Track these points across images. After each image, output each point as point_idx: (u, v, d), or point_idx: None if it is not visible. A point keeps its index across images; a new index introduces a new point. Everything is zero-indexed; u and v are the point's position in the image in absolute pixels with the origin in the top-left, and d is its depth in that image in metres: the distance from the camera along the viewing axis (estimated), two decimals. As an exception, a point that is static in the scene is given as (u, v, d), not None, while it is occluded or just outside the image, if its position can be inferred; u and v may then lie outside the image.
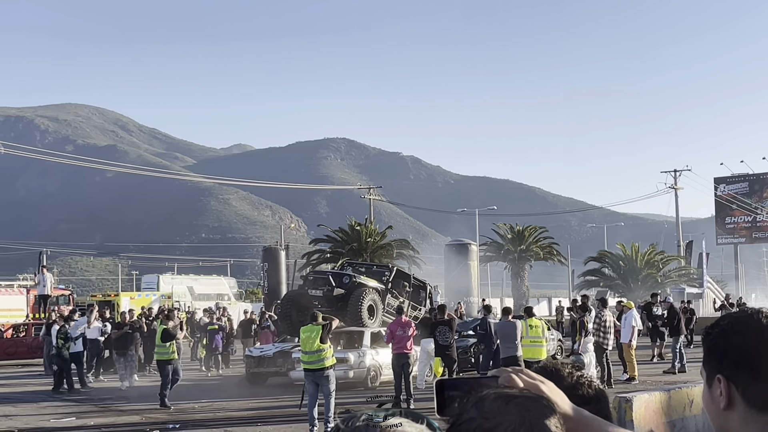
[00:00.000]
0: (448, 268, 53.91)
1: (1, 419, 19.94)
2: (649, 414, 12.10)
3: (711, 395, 2.00)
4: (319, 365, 17.34)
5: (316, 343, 17.36)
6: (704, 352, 2.03)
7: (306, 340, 17.68)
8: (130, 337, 27.01)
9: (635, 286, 56.33)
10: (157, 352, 22.57)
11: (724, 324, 2.03)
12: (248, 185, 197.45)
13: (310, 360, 17.49)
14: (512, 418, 1.61)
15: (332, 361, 17.69)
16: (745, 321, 2.00)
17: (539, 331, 21.33)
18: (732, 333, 1.99)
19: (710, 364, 2.01)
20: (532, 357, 20.92)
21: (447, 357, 21.27)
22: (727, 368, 1.96)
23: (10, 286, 52.45)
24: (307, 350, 17.59)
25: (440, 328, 21.37)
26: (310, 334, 17.66)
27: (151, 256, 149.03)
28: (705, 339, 2.05)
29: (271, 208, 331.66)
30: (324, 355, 17.40)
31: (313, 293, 27.36)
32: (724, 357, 1.97)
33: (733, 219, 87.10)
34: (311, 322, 18.13)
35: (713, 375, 1.98)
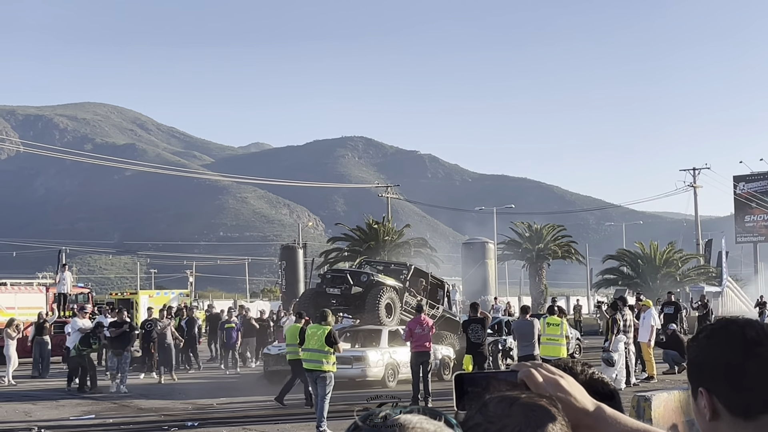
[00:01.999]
0: (465, 267, 53.92)
1: (20, 416, 20.06)
2: (668, 413, 12.06)
3: (697, 407, 2.00)
4: (317, 366, 16.97)
5: (320, 342, 16.93)
6: (687, 364, 2.04)
7: (311, 337, 17.28)
8: (127, 336, 25.63)
9: (654, 285, 56.11)
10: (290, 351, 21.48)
11: (701, 336, 2.03)
12: (266, 183, 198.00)
13: (311, 359, 17.13)
14: (517, 419, 1.61)
15: (333, 368, 17.21)
16: (720, 332, 2.00)
17: (558, 330, 21.30)
18: (708, 345, 1.99)
19: (692, 376, 2.02)
20: (549, 355, 20.98)
21: (479, 354, 21.41)
22: (708, 380, 1.96)
23: (29, 284, 52.74)
24: (309, 347, 17.18)
25: (473, 326, 21.53)
26: (316, 331, 17.28)
27: (170, 255, 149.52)
28: (687, 351, 2.06)
29: (288, 206, 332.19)
30: (326, 358, 17.00)
31: (331, 291, 27.42)
32: (703, 369, 1.98)
33: (753, 217, 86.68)
34: (320, 321, 17.74)
35: (696, 387, 1.99)
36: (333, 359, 17.16)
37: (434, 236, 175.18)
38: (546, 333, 21.49)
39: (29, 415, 20.16)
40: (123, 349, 24.95)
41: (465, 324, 22.12)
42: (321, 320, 17.70)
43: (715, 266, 63.79)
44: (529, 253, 59.85)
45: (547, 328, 21.53)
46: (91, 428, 18.00)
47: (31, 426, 18.00)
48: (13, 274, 72.65)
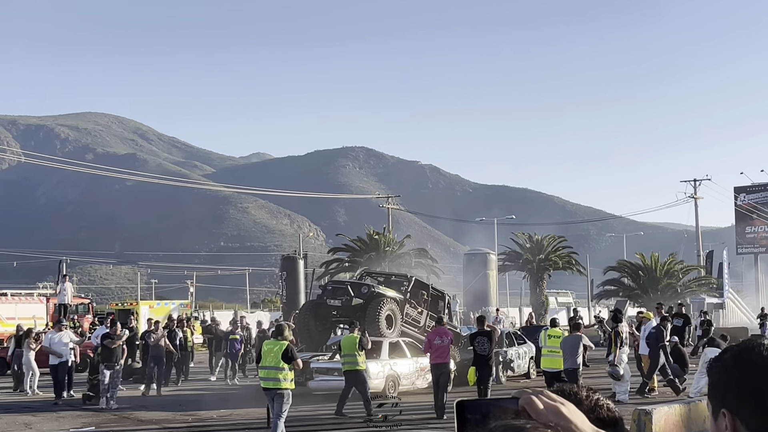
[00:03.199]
0: (466, 277, 53.87)
1: (21, 428, 20.04)
2: (669, 426, 12.05)
3: (717, 428, 1.98)
4: (274, 384, 16.12)
5: (277, 359, 16.06)
6: (708, 385, 2.03)
7: (267, 354, 16.29)
8: (118, 349, 24.36)
9: (655, 296, 55.99)
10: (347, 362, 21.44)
11: (726, 357, 2.02)
12: (267, 194, 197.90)
13: (267, 377, 16.30)
14: None
15: (291, 385, 16.34)
16: (746, 354, 1.99)
17: (558, 342, 21.34)
18: (734, 367, 1.98)
19: (714, 397, 2.00)
20: (550, 367, 21.08)
21: (485, 367, 21.50)
22: (731, 402, 1.95)
23: (30, 294, 52.71)
24: (265, 365, 16.28)
25: (479, 339, 21.63)
26: (273, 347, 16.35)
27: (171, 265, 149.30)
28: (709, 372, 2.04)
29: (289, 216, 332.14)
30: (283, 375, 16.11)
31: (332, 303, 27.44)
32: (727, 391, 1.96)
33: (754, 229, 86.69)
34: (276, 336, 16.85)
35: (718, 409, 1.98)
36: (291, 376, 16.26)
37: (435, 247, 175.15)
38: (547, 345, 21.53)
39: (29, 427, 20.14)
40: (116, 363, 23.85)
41: (472, 336, 22.20)
42: (277, 335, 16.85)
43: (716, 277, 63.73)
44: (530, 264, 59.82)
45: (548, 340, 21.57)
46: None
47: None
48: (13, 284, 72.61)
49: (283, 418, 16.07)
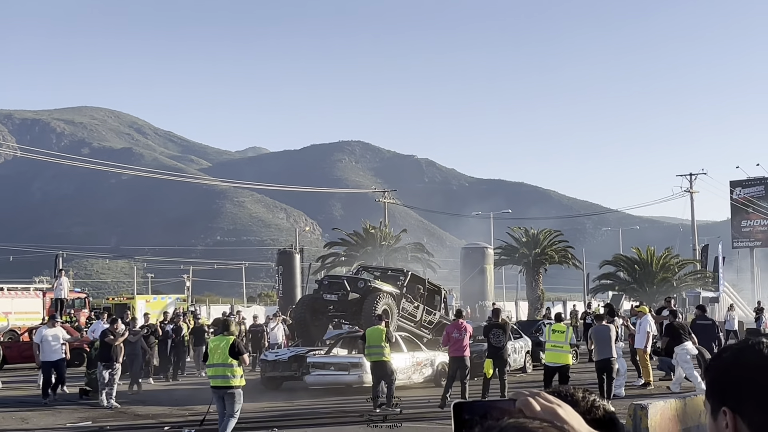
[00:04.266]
0: (464, 272, 53.94)
1: (17, 423, 20.04)
2: (664, 421, 12.07)
3: (716, 426, 1.99)
4: (223, 382, 15.43)
5: (224, 355, 15.35)
6: (707, 384, 2.03)
7: (213, 351, 15.58)
8: (118, 347, 23.56)
9: (650, 290, 56.09)
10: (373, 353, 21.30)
11: (726, 356, 2.02)
12: (263, 188, 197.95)
13: (215, 374, 15.59)
14: None
15: (241, 382, 15.59)
16: (746, 352, 1.99)
17: (562, 337, 21.46)
18: (734, 365, 1.98)
19: (714, 396, 2.01)
20: (553, 361, 21.20)
21: (499, 358, 21.65)
22: (732, 400, 1.95)
23: (26, 288, 52.69)
24: (213, 362, 15.56)
25: (494, 331, 21.85)
26: (219, 343, 15.63)
27: (167, 259, 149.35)
28: (708, 371, 2.05)
29: (285, 210, 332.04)
30: (232, 372, 15.40)
31: (328, 297, 27.45)
32: (727, 389, 1.97)
33: (749, 222, 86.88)
34: (223, 331, 16.20)
35: (718, 407, 1.98)
36: (240, 372, 15.56)
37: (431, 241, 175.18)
38: (551, 340, 21.65)
39: (26, 422, 20.14)
40: (115, 360, 23.10)
41: (486, 329, 22.38)
42: (223, 330, 16.18)
43: (712, 271, 63.82)
44: (526, 258, 59.85)
45: (552, 335, 21.68)
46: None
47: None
48: (9, 278, 72.49)
49: (235, 418, 15.37)
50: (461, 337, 21.46)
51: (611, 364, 21.34)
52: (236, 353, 15.34)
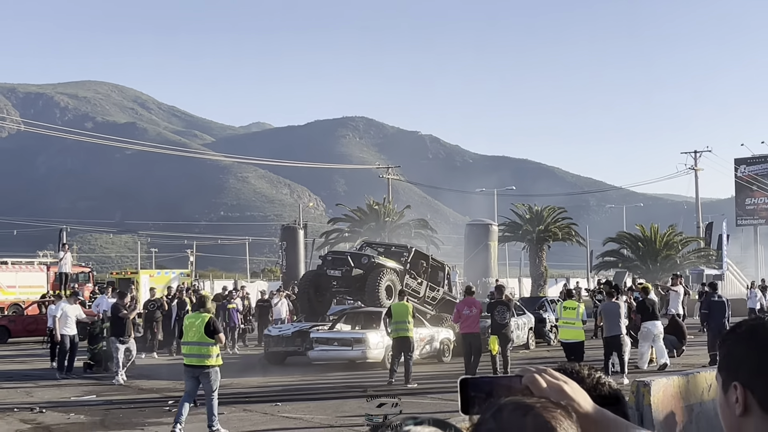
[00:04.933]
0: (467, 248, 53.86)
1: (22, 395, 20.14)
2: (667, 398, 12.08)
3: (726, 401, 1.99)
4: (199, 361, 14.84)
5: (200, 333, 14.80)
6: (719, 358, 2.02)
7: (189, 328, 15.02)
8: (130, 322, 23.23)
9: (654, 268, 56.11)
10: (398, 329, 21.33)
11: (740, 331, 2.01)
12: (267, 164, 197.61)
13: (191, 353, 14.97)
14: (529, 430, 1.62)
15: (217, 361, 15.02)
16: (762, 329, 1.98)
17: (573, 313, 21.53)
18: (749, 340, 1.97)
19: (726, 370, 2.00)
20: (567, 338, 21.32)
21: (503, 336, 21.70)
22: (744, 376, 1.94)
23: (30, 263, 52.80)
24: (188, 340, 15.01)
25: (498, 308, 21.84)
26: (195, 321, 15.04)
27: (171, 234, 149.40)
28: (721, 345, 2.04)
29: (289, 186, 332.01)
30: (207, 351, 14.83)
31: (332, 273, 27.49)
32: (741, 364, 1.96)
33: (753, 200, 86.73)
34: (198, 308, 15.66)
35: (729, 382, 1.97)
36: (216, 351, 14.96)
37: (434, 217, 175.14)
38: (562, 316, 21.74)
39: (30, 395, 20.24)
40: (129, 336, 22.77)
41: (490, 306, 22.39)
42: (199, 307, 15.63)
43: (716, 249, 63.80)
44: (530, 234, 59.78)
45: (564, 311, 21.76)
46: (93, 408, 18.06)
47: (33, 406, 18.08)
48: (14, 252, 72.69)
49: (215, 398, 14.81)
50: (472, 314, 21.52)
51: (620, 340, 21.40)
52: (212, 331, 14.77)
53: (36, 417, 16.97)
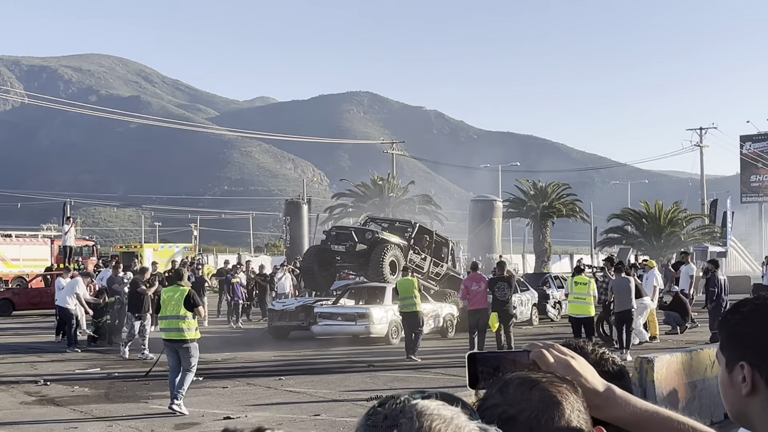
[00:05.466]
0: (472, 224, 53.84)
1: (26, 368, 20.21)
2: (670, 375, 12.12)
3: (731, 380, 1.96)
4: (178, 335, 14.58)
5: (178, 307, 14.61)
6: (723, 337, 1.99)
7: (167, 302, 14.81)
8: (148, 297, 22.60)
9: (658, 245, 56.05)
10: (406, 304, 21.53)
11: (745, 310, 1.98)
12: (271, 138, 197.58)
13: (169, 327, 14.72)
14: (535, 404, 1.61)
15: (196, 335, 14.84)
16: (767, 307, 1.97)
17: (585, 288, 21.57)
18: (756, 320, 1.94)
19: (731, 349, 1.97)
20: (576, 313, 21.40)
21: (504, 312, 21.71)
22: (751, 354, 1.92)
23: (34, 236, 52.92)
24: (166, 314, 14.80)
25: (499, 284, 21.82)
26: (173, 294, 14.85)
27: (174, 208, 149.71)
28: (724, 323, 2.01)
29: (293, 161, 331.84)
30: (186, 325, 14.60)
31: (336, 248, 27.49)
32: (747, 344, 1.93)
33: (759, 177, 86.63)
34: (176, 281, 15.45)
35: (735, 361, 1.95)
36: (195, 325, 14.78)
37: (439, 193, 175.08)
38: (573, 292, 21.77)
39: (34, 368, 20.31)
40: (146, 311, 22.34)
41: (491, 282, 22.36)
42: (177, 280, 15.44)
43: (720, 226, 63.71)
44: (534, 211, 59.65)
45: (575, 287, 21.79)
46: (97, 381, 18.13)
47: (37, 379, 18.15)
48: (17, 225, 72.84)
49: (192, 372, 14.57)
50: (480, 289, 21.52)
51: (631, 314, 21.58)
52: (191, 305, 14.63)
53: (40, 389, 17.04)
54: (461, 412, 1.37)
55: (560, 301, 32.09)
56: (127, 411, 14.75)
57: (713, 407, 12.63)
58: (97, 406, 15.22)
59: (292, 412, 14.32)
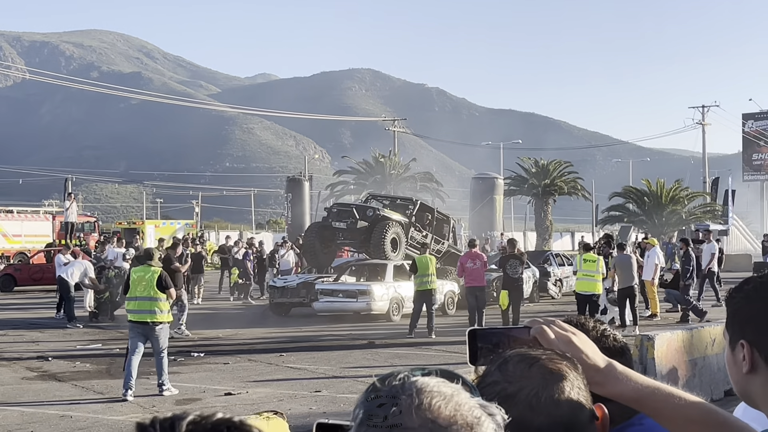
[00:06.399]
0: (473, 202, 53.85)
1: (29, 344, 20.27)
2: (670, 352, 12.14)
3: (734, 359, 1.98)
4: (149, 318, 13.94)
5: (150, 287, 14.02)
6: (727, 315, 2.00)
7: (137, 283, 14.15)
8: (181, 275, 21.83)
9: (659, 222, 55.99)
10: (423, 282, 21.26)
11: (748, 288, 1.99)
12: (272, 115, 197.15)
13: (140, 309, 14.02)
14: (534, 381, 1.60)
15: (167, 317, 14.33)
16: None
17: (594, 266, 21.59)
18: (757, 298, 1.95)
19: (733, 328, 1.99)
20: (585, 290, 21.45)
21: (516, 289, 21.74)
22: (751, 333, 1.94)
23: (36, 212, 52.93)
24: (135, 295, 14.10)
25: (511, 262, 21.80)
26: (144, 275, 14.23)
27: (176, 185, 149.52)
28: (728, 302, 2.02)
29: (295, 138, 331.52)
30: (158, 306, 13.98)
31: (337, 225, 27.48)
32: (748, 322, 1.95)
33: (761, 156, 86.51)
34: (146, 260, 14.83)
35: (736, 339, 1.97)
36: (166, 307, 14.19)
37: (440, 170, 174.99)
38: (582, 269, 21.79)
39: (36, 343, 20.36)
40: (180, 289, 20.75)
41: (502, 260, 22.37)
42: (147, 259, 14.83)
43: (722, 204, 63.63)
44: (535, 188, 59.65)
45: (584, 264, 21.80)
46: (98, 357, 18.17)
47: (41, 355, 18.19)
48: (19, 201, 72.90)
49: (165, 356, 13.97)
50: (476, 267, 21.47)
51: (634, 290, 21.87)
52: (164, 286, 14.09)
53: (42, 365, 17.08)
54: (461, 389, 1.37)
55: (561, 279, 32.09)
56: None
57: (713, 385, 12.66)
58: (98, 382, 15.26)
59: (293, 388, 14.36)
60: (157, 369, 13.94)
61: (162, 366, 13.88)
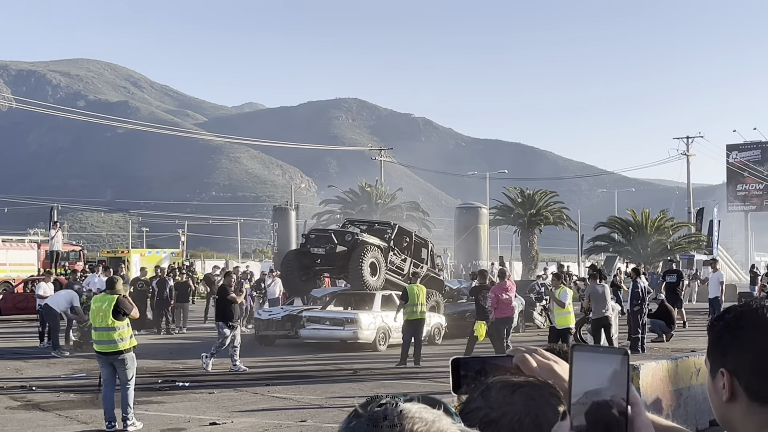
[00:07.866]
0: (458, 231, 53.84)
1: (11, 373, 20.12)
2: (656, 382, 12.16)
3: (714, 387, 1.99)
4: (111, 348, 13.66)
5: (107, 318, 13.65)
6: (708, 343, 2.02)
7: (95, 313, 13.87)
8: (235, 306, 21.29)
9: (645, 253, 56.16)
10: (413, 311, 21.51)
11: (728, 317, 2.01)
12: (259, 144, 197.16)
13: (100, 339, 13.79)
14: (517, 407, 1.62)
15: (130, 343, 13.88)
16: (749, 315, 1.99)
17: None
18: (736, 327, 1.97)
19: (714, 356, 2.00)
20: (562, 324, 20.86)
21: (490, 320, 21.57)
22: (731, 362, 1.95)
23: (21, 241, 52.69)
24: (97, 326, 13.87)
25: (484, 292, 21.70)
26: (101, 305, 13.87)
27: (162, 214, 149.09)
28: (710, 330, 2.04)
29: (281, 167, 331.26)
30: (119, 335, 13.66)
31: (315, 251, 27.26)
32: (727, 350, 1.96)
33: (745, 186, 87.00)
34: (108, 289, 14.47)
35: (717, 367, 1.98)
36: (129, 333, 13.79)
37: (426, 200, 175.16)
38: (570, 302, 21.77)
39: (20, 373, 20.22)
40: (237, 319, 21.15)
41: (475, 290, 22.23)
42: (108, 288, 14.48)
43: (707, 234, 63.89)
44: (521, 218, 59.74)
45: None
46: (82, 387, 18.05)
47: (23, 384, 18.07)
48: (4, 230, 72.50)
49: (131, 387, 13.68)
50: (510, 299, 21.28)
51: (609, 320, 21.82)
52: (122, 314, 13.74)
53: (26, 395, 16.97)
54: (443, 415, 1.37)
55: (547, 308, 32.08)
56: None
57: (698, 415, 12.68)
58: (82, 411, 15.17)
59: (279, 418, 14.31)
60: (122, 402, 13.58)
61: (127, 399, 13.54)
